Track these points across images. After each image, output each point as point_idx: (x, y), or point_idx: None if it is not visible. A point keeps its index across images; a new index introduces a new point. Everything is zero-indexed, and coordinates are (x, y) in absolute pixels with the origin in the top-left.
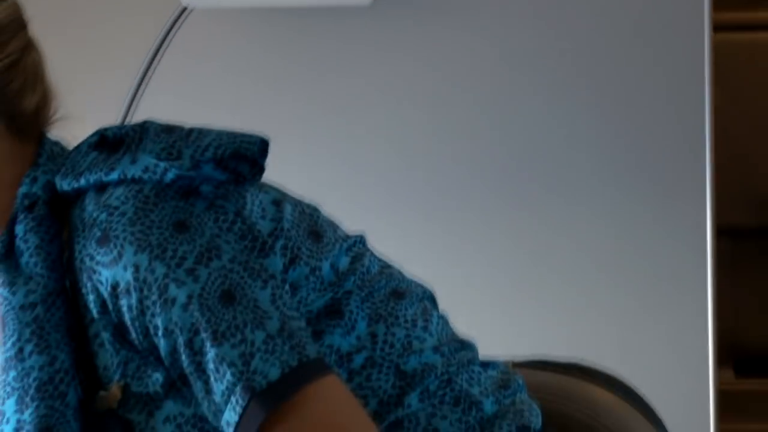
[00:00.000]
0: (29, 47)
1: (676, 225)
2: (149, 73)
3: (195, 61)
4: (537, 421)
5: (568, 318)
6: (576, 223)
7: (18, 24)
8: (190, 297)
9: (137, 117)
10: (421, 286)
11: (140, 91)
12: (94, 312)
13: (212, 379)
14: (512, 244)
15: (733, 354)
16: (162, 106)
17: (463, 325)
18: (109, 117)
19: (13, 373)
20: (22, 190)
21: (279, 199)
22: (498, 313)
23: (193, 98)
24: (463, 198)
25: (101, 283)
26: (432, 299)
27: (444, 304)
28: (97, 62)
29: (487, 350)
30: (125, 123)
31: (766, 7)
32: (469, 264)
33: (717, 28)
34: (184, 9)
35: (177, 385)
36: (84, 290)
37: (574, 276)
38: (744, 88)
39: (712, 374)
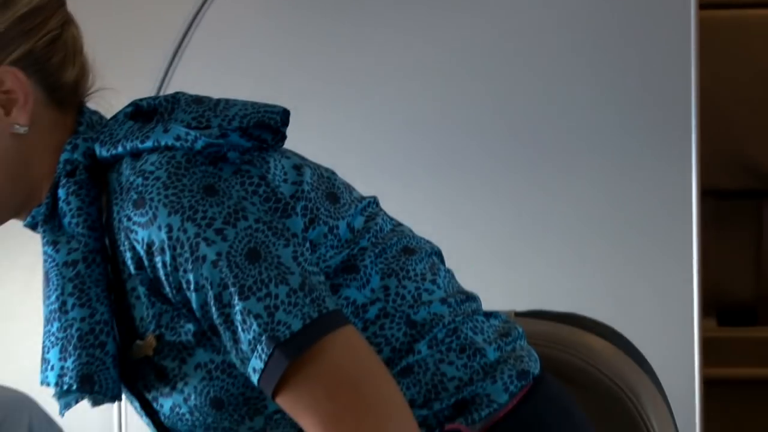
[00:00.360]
0: (68, 23)
1: (665, 187)
2: (182, 47)
3: (224, 36)
4: (536, 366)
5: (564, 273)
6: (572, 184)
7: (57, 1)
8: (219, 255)
9: (170, 89)
10: (429, 243)
11: (173, 65)
12: (131, 268)
13: (240, 330)
14: (513, 205)
15: (716, 305)
16: (193, 79)
17: (467, 280)
18: (144, 89)
19: (56, 324)
20: (64, 156)
21: (299, 164)
22: (499, 269)
23: (222, 71)
24: (468, 165)
25: (137, 241)
26: (439, 255)
27: (449, 261)
28: (134, 37)
29: (489, 304)
30: (158, 95)
31: None
32: (473, 224)
33: (703, 5)
34: None
35: (207, 335)
36: (122, 248)
37: (570, 234)
38: (728, 61)
39: (697, 323)
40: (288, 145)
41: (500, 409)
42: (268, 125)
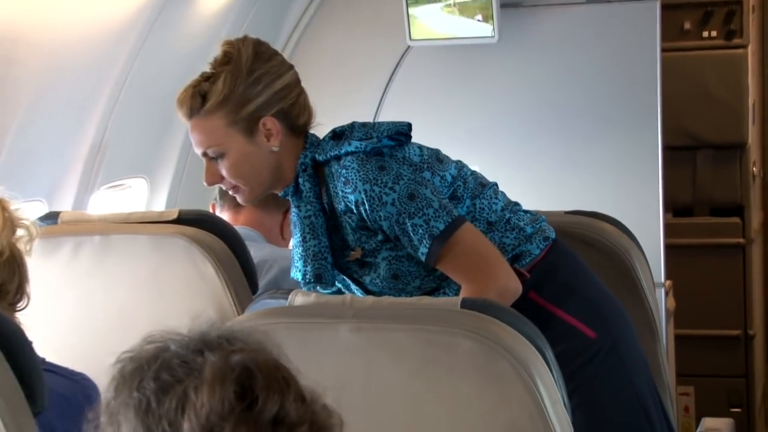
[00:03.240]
0: (301, 93)
1: (646, 144)
2: (385, 94)
3: (414, 91)
4: (553, 234)
5: (587, 192)
6: (593, 144)
7: (297, 81)
8: (393, 200)
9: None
10: (493, 181)
11: (381, 106)
12: (345, 217)
13: (412, 234)
14: (548, 154)
15: (672, 205)
16: (393, 111)
17: (516, 196)
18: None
19: (301, 248)
20: (300, 161)
21: (421, 146)
22: (545, 188)
23: (410, 106)
24: (530, 134)
25: (350, 202)
26: (497, 185)
27: (521, 186)
28: (348, 86)
29: (541, 206)
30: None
31: (687, 39)
32: (522, 168)
33: (664, 49)
34: (408, 47)
35: (390, 240)
36: (339, 206)
37: (591, 170)
38: (677, 80)
39: (662, 215)
40: (441, 140)
41: (535, 258)
42: (402, 132)
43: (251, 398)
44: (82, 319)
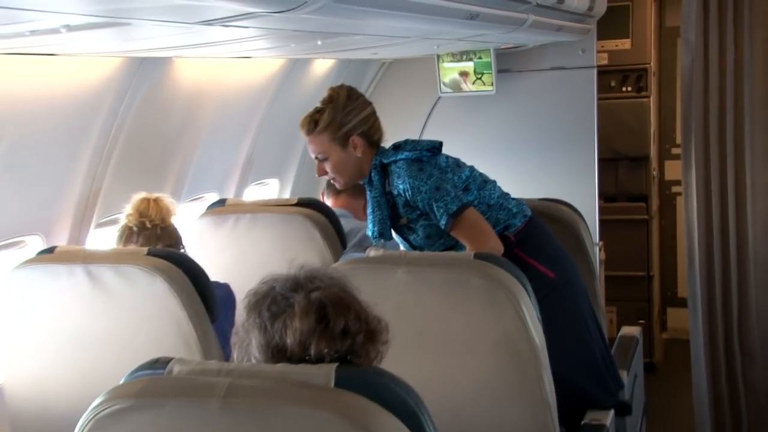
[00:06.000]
0: (376, 120)
1: (586, 158)
2: (426, 123)
3: (443, 122)
4: (529, 212)
5: (551, 188)
6: (547, 160)
7: (374, 113)
8: (426, 190)
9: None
10: (493, 179)
11: (423, 130)
12: (397, 198)
13: (437, 211)
14: (528, 162)
15: (602, 196)
16: (431, 134)
17: (508, 188)
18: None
19: (371, 216)
20: (373, 163)
21: (448, 156)
22: (522, 185)
23: (441, 132)
24: (515, 157)
25: (400, 189)
26: (495, 182)
27: (510, 184)
28: (404, 118)
29: (520, 193)
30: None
31: (613, 92)
32: (512, 171)
33: (599, 98)
34: (439, 97)
35: (424, 214)
36: (395, 191)
37: (552, 177)
38: (606, 115)
39: (597, 201)
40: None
41: (518, 228)
42: (435, 147)
43: (326, 321)
44: (238, 267)
